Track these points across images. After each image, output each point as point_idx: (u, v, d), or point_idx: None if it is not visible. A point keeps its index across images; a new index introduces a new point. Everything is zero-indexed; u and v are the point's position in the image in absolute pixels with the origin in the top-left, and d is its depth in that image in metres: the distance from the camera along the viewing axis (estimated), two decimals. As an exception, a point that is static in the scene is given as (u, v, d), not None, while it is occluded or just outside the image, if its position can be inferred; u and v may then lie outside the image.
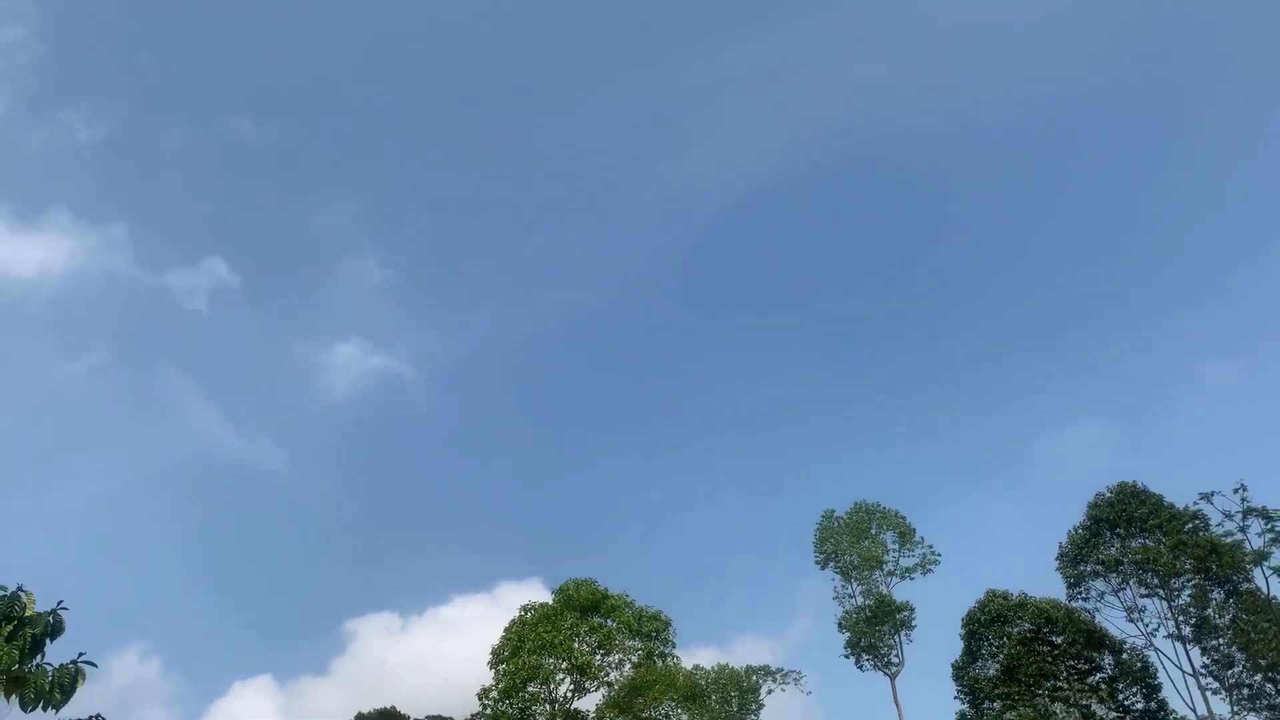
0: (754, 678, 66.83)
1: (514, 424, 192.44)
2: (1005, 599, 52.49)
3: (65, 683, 12.57)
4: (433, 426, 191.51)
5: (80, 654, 12.65)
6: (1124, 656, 51.08)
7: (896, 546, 71.82)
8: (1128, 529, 49.84)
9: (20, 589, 12.11)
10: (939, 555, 67.95)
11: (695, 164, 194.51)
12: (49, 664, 12.67)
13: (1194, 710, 48.48)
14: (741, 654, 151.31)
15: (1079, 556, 51.16)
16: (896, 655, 70.09)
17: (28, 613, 12.34)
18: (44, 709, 12.63)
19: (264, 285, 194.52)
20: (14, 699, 12.58)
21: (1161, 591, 49.29)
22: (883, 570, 71.20)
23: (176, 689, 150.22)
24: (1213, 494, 47.55)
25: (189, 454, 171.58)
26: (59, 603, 12.67)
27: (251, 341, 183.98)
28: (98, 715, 12.64)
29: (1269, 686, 46.35)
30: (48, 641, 12.76)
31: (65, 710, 12.77)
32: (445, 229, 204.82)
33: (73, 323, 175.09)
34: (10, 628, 12.02)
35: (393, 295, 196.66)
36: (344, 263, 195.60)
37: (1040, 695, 49.37)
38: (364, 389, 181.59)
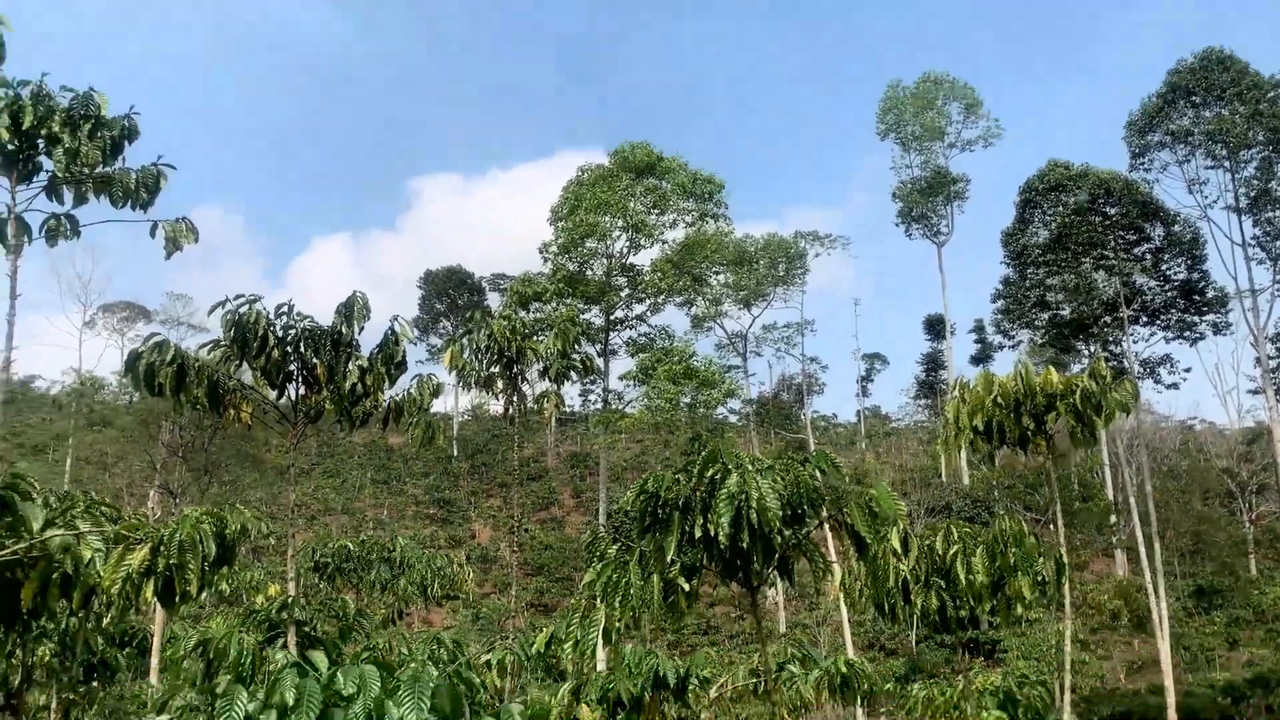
0: (801, 244, 68.31)
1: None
2: (1066, 168, 51.73)
3: (149, 183, 13.06)
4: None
5: (159, 156, 13.03)
6: (1175, 228, 51.10)
7: (961, 119, 70.27)
8: (1205, 97, 47.66)
9: (91, 89, 12.23)
10: (1003, 128, 66.68)
11: None
12: (130, 167, 13.09)
13: (1235, 280, 49.41)
14: (795, 225, 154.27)
15: (1149, 126, 49.49)
16: (946, 225, 71.20)
17: (103, 113, 12.52)
18: (132, 208, 13.23)
19: None
20: (104, 198, 13.16)
21: (1228, 163, 48.25)
22: (944, 142, 70.28)
23: (260, 244, 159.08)
24: (1303, 63, 44.90)
25: (249, 18, 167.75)
26: (131, 107, 12.83)
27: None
28: (187, 217, 13.22)
29: (1316, 256, 46.78)
30: (126, 145, 13.07)
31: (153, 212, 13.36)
32: None
33: None
34: (89, 126, 12.26)
35: None
36: None
37: (1085, 263, 50.21)
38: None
